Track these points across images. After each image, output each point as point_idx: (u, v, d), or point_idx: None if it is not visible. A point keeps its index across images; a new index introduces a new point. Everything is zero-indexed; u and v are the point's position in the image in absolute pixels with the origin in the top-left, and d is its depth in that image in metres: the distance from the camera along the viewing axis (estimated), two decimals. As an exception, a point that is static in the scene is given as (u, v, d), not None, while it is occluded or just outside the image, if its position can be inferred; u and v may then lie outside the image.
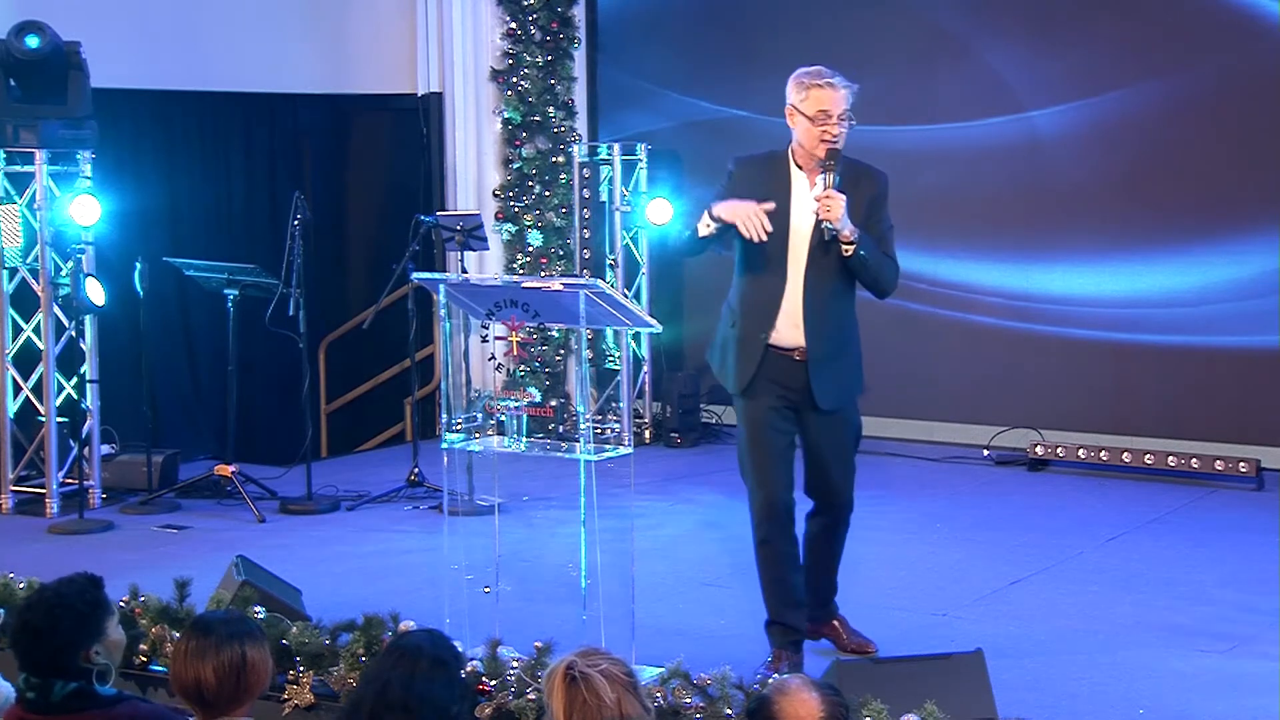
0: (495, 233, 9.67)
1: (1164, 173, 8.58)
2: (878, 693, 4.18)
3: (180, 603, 5.14)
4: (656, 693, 4.35)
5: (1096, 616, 5.74)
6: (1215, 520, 7.32)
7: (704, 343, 9.90)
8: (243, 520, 7.46)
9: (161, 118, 9.41)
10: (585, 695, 3.12)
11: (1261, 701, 4.78)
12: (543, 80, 9.73)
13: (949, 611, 5.82)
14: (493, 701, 4.53)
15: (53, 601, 3.74)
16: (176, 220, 9.44)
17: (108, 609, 3.82)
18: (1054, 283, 8.87)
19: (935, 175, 9.15)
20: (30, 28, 7.50)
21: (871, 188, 5.06)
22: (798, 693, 3.22)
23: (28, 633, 3.72)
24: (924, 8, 9.18)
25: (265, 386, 9.61)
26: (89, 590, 3.79)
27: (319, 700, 4.78)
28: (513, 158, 9.81)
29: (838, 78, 4.98)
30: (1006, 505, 7.70)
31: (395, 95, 10.24)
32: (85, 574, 3.87)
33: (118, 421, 8.14)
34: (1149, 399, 8.67)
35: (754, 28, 9.64)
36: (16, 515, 7.68)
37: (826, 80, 4.96)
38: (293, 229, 7.61)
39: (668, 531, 7.19)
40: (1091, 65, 8.71)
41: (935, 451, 8.95)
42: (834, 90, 4.94)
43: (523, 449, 4.92)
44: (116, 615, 3.88)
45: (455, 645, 3.72)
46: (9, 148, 7.68)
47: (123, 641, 3.92)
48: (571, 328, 4.87)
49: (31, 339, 7.76)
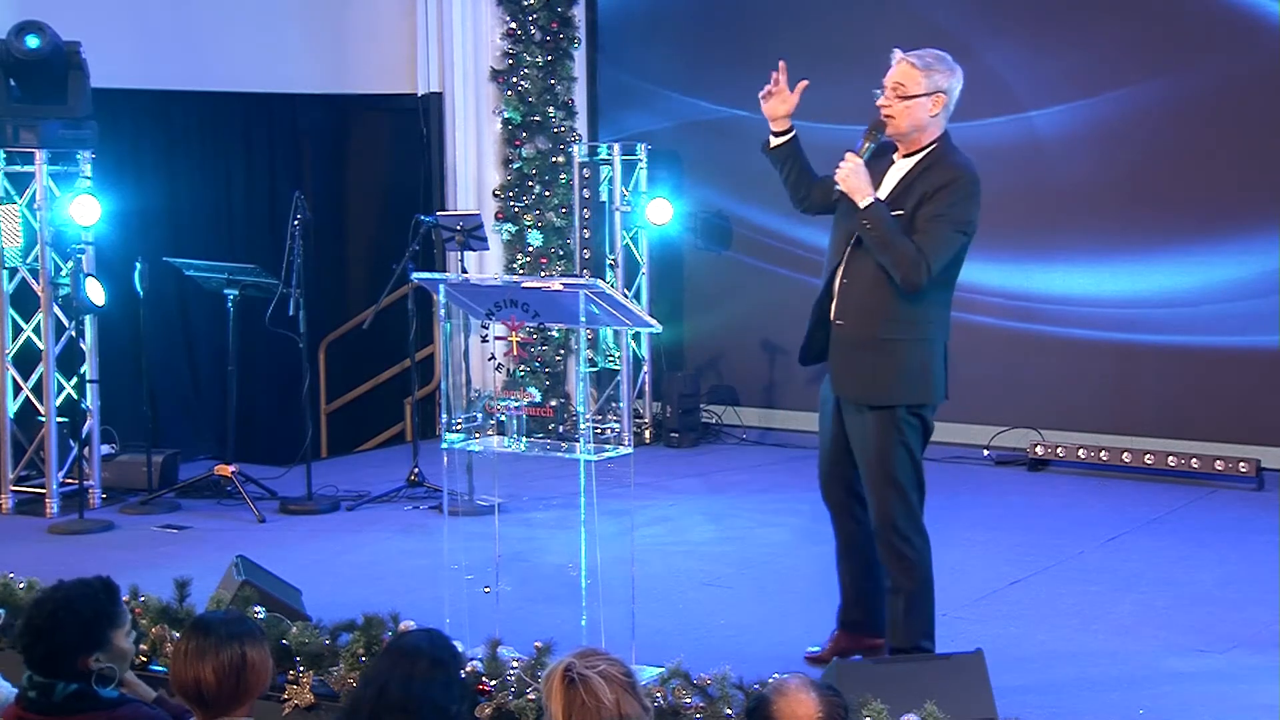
0: (495, 233, 9.67)
1: (1164, 173, 8.58)
2: (878, 693, 4.18)
3: (180, 603, 5.14)
4: (656, 693, 4.35)
5: (1096, 616, 5.74)
6: (1215, 520, 7.32)
7: (704, 343, 9.99)
8: (243, 520, 7.46)
9: (161, 118, 9.41)
10: (584, 697, 3.11)
11: (1261, 701, 4.78)
12: (543, 80, 9.73)
13: (949, 611, 5.81)
14: (493, 701, 4.53)
15: (58, 604, 3.73)
16: (176, 220, 9.44)
17: (114, 620, 3.79)
18: (1054, 283, 8.87)
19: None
20: (30, 28, 7.50)
21: (941, 178, 4.76)
22: (795, 693, 3.22)
23: (30, 630, 3.73)
24: (924, 8, 9.18)
25: (265, 386, 9.61)
26: (99, 598, 3.77)
27: (319, 700, 4.77)
28: (513, 158, 9.81)
29: (901, 51, 4.85)
30: (1006, 505, 7.70)
31: (395, 95, 10.24)
32: (103, 580, 3.84)
33: (118, 421, 8.14)
34: (1149, 399, 8.66)
35: (754, 28, 9.63)
36: (16, 515, 7.68)
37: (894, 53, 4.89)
38: (293, 229, 7.61)
39: (668, 531, 7.18)
40: (1091, 65, 8.70)
41: (935, 451, 8.88)
42: (892, 64, 4.85)
43: (523, 449, 4.92)
44: (127, 625, 3.84)
45: (454, 645, 3.72)
46: (9, 148, 7.68)
47: (131, 652, 3.89)
48: (571, 328, 4.87)
49: (31, 339, 7.76)
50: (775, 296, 9.73)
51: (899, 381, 4.81)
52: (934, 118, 4.81)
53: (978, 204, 4.84)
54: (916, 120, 4.80)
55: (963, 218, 4.77)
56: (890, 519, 4.85)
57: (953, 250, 4.78)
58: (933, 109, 4.79)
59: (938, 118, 4.82)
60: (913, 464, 4.87)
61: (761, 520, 7.38)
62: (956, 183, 4.78)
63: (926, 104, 4.78)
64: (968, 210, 4.79)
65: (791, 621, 5.69)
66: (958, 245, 4.78)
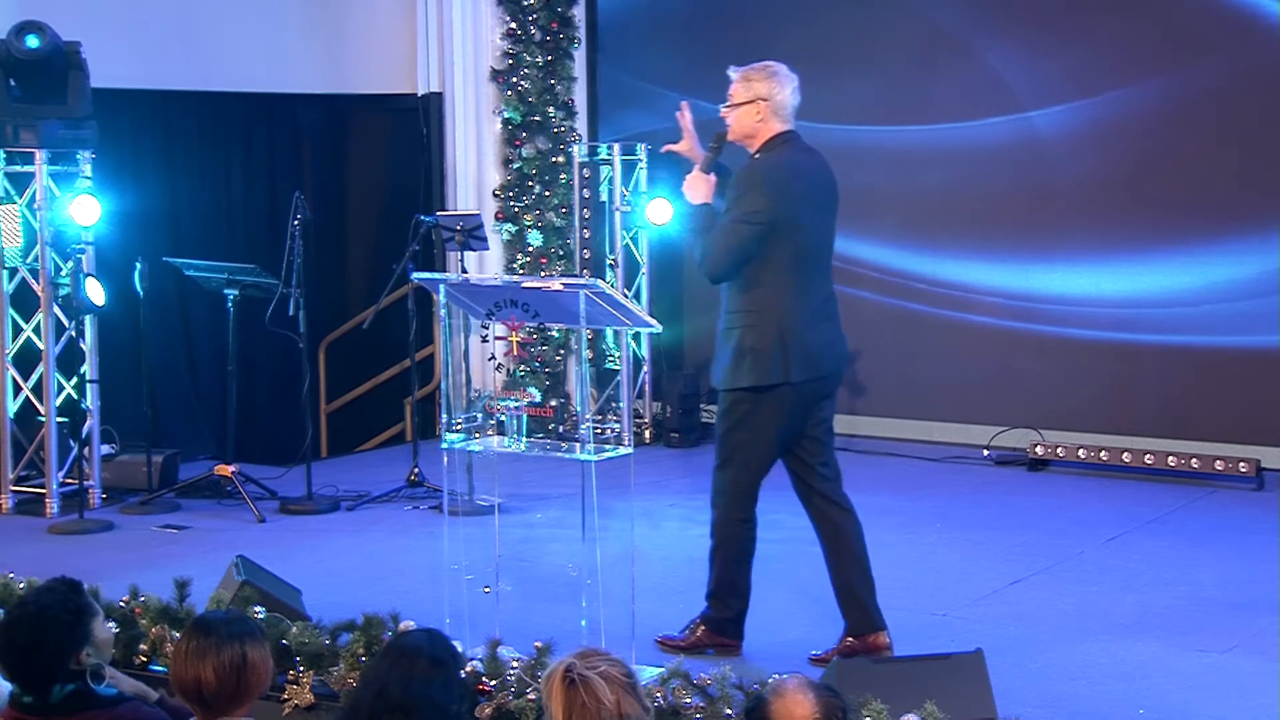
0: (495, 233, 9.67)
1: (1164, 173, 8.58)
2: (878, 693, 4.18)
3: (180, 603, 5.14)
4: (656, 693, 4.35)
5: (1096, 616, 5.74)
6: (1215, 520, 7.32)
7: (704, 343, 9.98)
8: (243, 520, 7.46)
9: (161, 118, 9.41)
10: (584, 698, 3.11)
11: (1261, 701, 4.78)
12: (543, 80, 9.73)
13: (949, 611, 5.82)
14: (493, 701, 4.53)
15: (35, 616, 3.71)
16: (176, 220, 9.45)
17: (91, 611, 3.81)
18: (1054, 283, 8.87)
19: (935, 175, 9.16)
20: (30, 28, 7.50)
21: (738, 176, 5.20)
22: (793, 694, 3.22)
23: (15, 651, 3.69)
24: (924, 8, 9.18)
25: (265, 386, 9.62)
26: (70, 597, 3.77)
27: (319, 700, 4.77)
28: (513, 158, 9.81)
29: (736, 68, 5.27)
30: (1006, 505, 7.70)
31: (395, 95, 10.24)
32: (63, 579, 3.85)
33: (118, 421, 8.14)
34: (1149, 399, 8.67)
35: (754, 28, 9.63)
36: (16, 515, 7.68)
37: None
38: (293, 229, 7.61)
39: (668, 531, 7.18)
40: (1091, 65, 8.71)
41: (935, 451, 8.94)
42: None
43: (523, 449, 4.92)
44: (101, 614, 3.87)
45: (454, 645, 3.72)
46: (9, 148, 7.68)
47: (110, 638, 3.91)
48: (571, 328, 4.87)
49: (31, 339, 7.76)
50: (775, 296, 9.73)
51: (731, 366, 5.17)
52: (760, 122, 5.17)
53: (768, 192, 5.09)
54: (745, 126, 5.20)
55: (747, 208, 5.08)
56: (717, 488, 5.38)
57: (739, 240, 5.07)
58: (757, 115, 5.17)
59: (765, 122, 5.17)
60: (748, 444, 5.20)
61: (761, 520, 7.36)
62: (743, 177, 5.17)
63: (750, 111, 5.17)
64: (752, 200, 5.08)
65: (792, 621, 5.69)
66: (745, 234, 5.07)
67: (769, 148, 5.17)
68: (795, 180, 5.14)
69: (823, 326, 5.18)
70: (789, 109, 5.19)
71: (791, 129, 5.20)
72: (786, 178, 5.12)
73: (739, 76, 5.21)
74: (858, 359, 9.49)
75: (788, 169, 5.14)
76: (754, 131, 5.18)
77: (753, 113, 5.16)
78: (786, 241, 5.06)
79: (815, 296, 5.16)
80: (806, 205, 5.15)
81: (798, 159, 5.19)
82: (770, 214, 5.04)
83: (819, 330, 5.16)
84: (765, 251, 5.06)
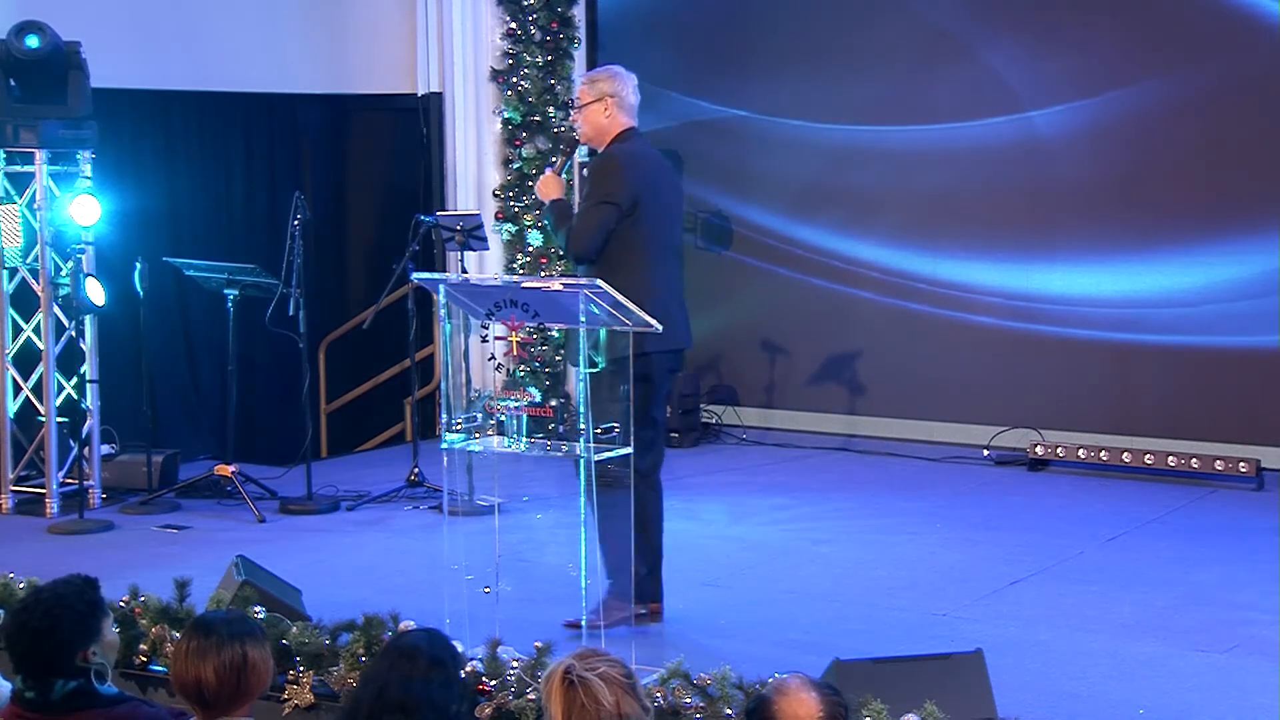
0: (495, 233, 9.66)
1: (1164, 173, 8.58)
2: (878, 693, 4.18)
3: (180, 603, 5.14)
4: (656, 693, 4.35)
5: (1096, 616, 5.74)
6: (1215, 520, 7.32)
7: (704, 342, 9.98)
8: (243, 520, 7.46)
9: (161, 118, 9.41)
10: (584, 699, 3.11)
11: (1261, 701, 4.78)
12: (543, 80, 9.73)
13: (949, 611, 5.82)
14: (493, 701, 4.53)
15: (51, 603, 3.73)
16: (176, 220, 9.44)
17: (104, 610, 3.83)
18: (1054, 283, 8.87)
19: (935, 175, 9.16)
20: (30, 28, 7.50)
21: (592, 165, 5.59)
22: (796, 693, 3.22)
23: (26, 634, 3.71)
24: (924, 8, 9.18)
25: (265, 386, 9.61)
26: (86, 591, 3.80)
27: (319, 700, 4.78)
28: (513, 158, 9.81)
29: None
30: (1006, 505, 7.70)
31: (395, 95, 10.24)
32: (81, 575, 3.87)
33: (118, 421, 8.14)
34: (1149, 399, 8.67)
35: (754, 28, 9.63)
36: (16, 515, 7.68)
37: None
38: (293, 229, 7.61)
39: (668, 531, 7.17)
40: (1091, 65, 8.71)
41: (935, 451, 8.94)
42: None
43: (523, 449, 4.91)
44: (111, 616, 3.89)
45: (454, 645, 3.72)
46: (9, 148, 7.68)
47: (118, 643, 3.92)
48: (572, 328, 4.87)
49: (31, 339, 7.76)
50: (775, 296, 9.74)
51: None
52: (608, 118, 5.61)
53: (624, 175, 5.45)
54: (594, 124, 5.63)
55: (603, 190, 5.44)
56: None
57: (598, 220, 5.41)
58: (605, 111, 5.60)
59: (613, 117, 5.61)
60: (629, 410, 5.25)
61: (761, 520, 7.38)
62: (598, 165, 5.59)
63: (599, 109, 5.60)
64: (606, 184, 5.45)
65: (792, 622, 5.69)
66: (603, 215, 5.41)
67: (619, 140, 5.58)
68: (648, 164, 5.58)
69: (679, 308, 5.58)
70: (632, 106, 5.65)
71: (636, 125, 5.63)
72: (638, 161, 5.53)
73: (584, 81, 5.71)
74: (858, 359, 9.52)
75: (639, 156, 5.57)
76: (604, 127, 5.60)
77: (601, 110, 5.59)
78: (642, 222, 5.42)
79: (675, 278, 5.63)
80: (660, 191, 5.56)
81: (648, 150, 5.66)
82: (627, 194, 5.40)
83: (679, 309, 5.56)
84: (623, 231, 5.39)
